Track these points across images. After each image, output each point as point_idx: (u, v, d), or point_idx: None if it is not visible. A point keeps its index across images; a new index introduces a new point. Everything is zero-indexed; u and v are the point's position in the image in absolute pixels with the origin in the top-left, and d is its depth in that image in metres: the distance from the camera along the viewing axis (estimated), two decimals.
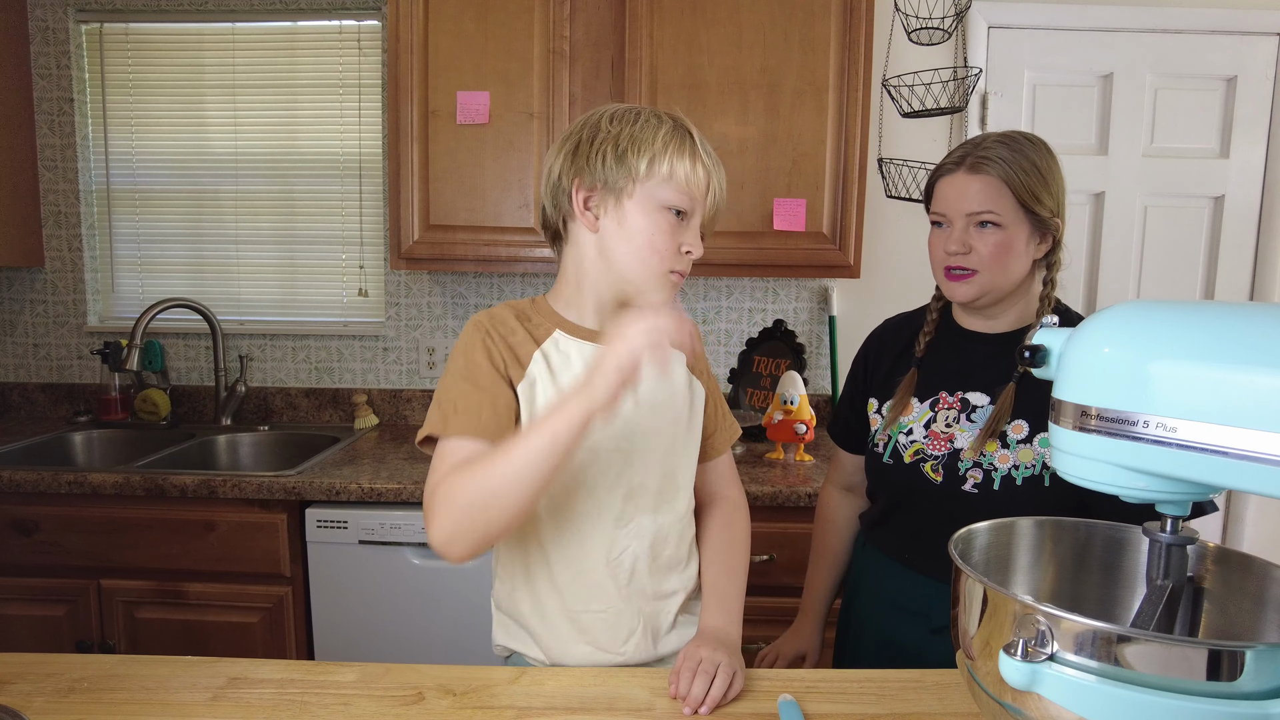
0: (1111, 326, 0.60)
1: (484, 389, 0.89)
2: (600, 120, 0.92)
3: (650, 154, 0.88)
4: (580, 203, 0.91)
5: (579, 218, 0.92)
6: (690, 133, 0.92)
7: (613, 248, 0.91)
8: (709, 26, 1.85)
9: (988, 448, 1.08)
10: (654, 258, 0.90)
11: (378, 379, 2.35)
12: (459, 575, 1.71)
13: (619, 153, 0.89)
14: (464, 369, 0.91)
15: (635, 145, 0.89)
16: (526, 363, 0.92)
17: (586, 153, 0.90)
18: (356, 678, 0.88)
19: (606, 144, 0.90)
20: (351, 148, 2.30)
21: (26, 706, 0.80)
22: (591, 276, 0.94)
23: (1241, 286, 2.26)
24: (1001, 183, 1.05)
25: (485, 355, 0.91)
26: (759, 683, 0.90)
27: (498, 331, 0.93)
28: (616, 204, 0.90)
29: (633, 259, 0.90)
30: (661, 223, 0.89)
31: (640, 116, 0.91)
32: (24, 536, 1.72)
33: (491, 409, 0.88)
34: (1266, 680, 0.54)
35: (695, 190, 0.90)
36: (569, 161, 0.92)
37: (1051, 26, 2.17)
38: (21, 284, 2.33)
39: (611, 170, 0.89)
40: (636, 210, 0.89)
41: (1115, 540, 0.78)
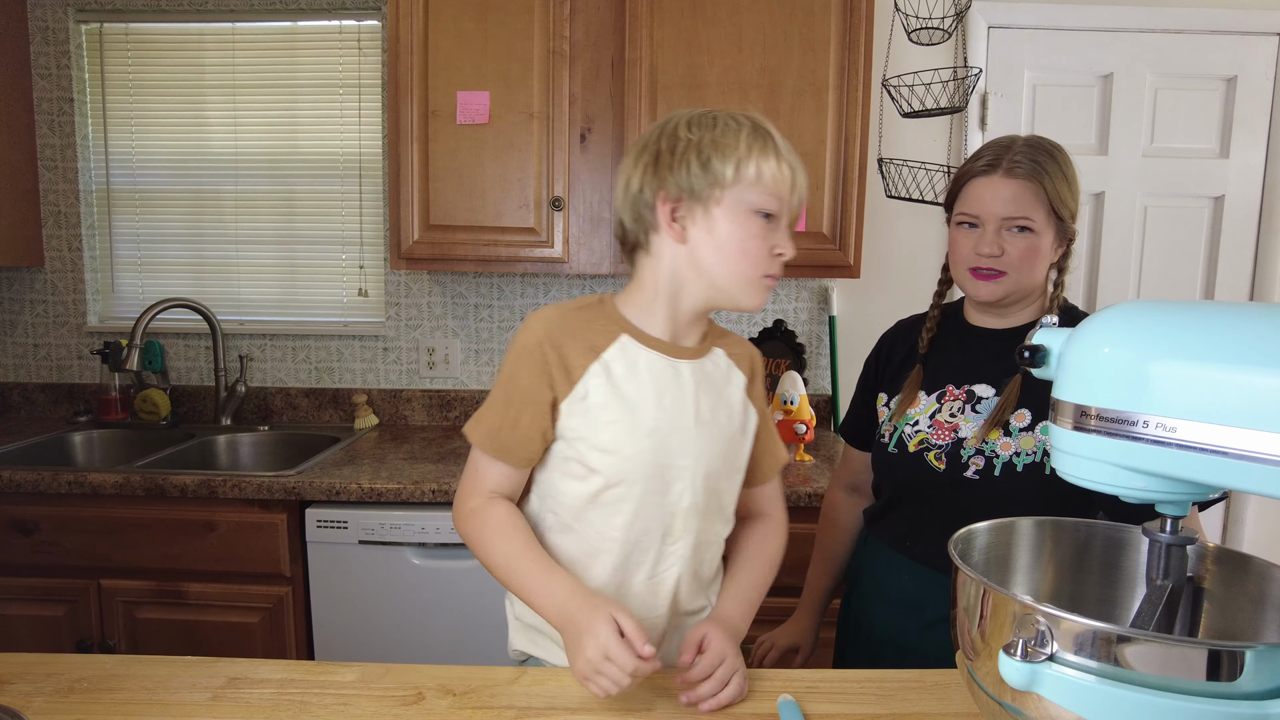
0: (1111, 326, 0.60)
1: (512, 405, 0.90)
2: (677, 128, 0.90)
3: (736, 158, 0.86)
4: (666, 215, 0.89)
5: (665, 230, 0.90)
6: (770, 132, 0.89)
7: (703, 257, 0.89)
8: (709, 26, 1.85)
9: (990, 436, 1.10)
10: (746, 263, 0.88)
11: (378, 379, 2.35)
12: (459, 575, 1.71)
13: (703, 160, 0.87)
14: (506, 378, 0.92)
15: (719, 151, 0.86)
16: (578, 376, 0.90)
17: (669, 163, 0.88)
18: (356, 678, 0.88)
19: (689, 152, 0.87)
20: (351, 148, 2.30)
21: (26, 706, 0.80)
22: (678, 287, 0.92)
23: (1241, 286, 2.26)
24: (1039, 188, 1.08)
25: (528, 369, 0.90)
26: (759, 683, 0.90)
27: (554, 341, 0.90)
28: (705, 213, 0.88)
29: (725, 267, 0.89)
30: (752, 227, 0.88)
31: (718, 120, 0.89)
32: (24, 536, 1.72)
33: (512, 429, 0.90)
34: (1266, 680, 0.54)
35: (782, 190, 0.89)
36: (650, 173, 0.89)
37: (1051, 26, 2.17)
38: (21, 284, 2.33)
39: (698, 179, 0.87)
40: (726, 217, 0.87)
41: (1115, 540, 0.78)
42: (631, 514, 0.91)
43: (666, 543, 0.94)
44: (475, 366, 2.33)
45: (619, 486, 0.90)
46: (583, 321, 0.93)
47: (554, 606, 0.86)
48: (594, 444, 0.90)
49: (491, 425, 0.92)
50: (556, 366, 0.90)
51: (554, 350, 0.90)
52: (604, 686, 0.79)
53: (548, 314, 0.93)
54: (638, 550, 0.93)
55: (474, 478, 0.95)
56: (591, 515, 0.92)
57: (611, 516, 0.92)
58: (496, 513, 0.92)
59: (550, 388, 0.90)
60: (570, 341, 0.91)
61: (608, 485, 0.90)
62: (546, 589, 0.87)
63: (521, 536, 0.91)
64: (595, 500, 0.92)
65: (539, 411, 0.90)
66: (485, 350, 2.33)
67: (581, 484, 0.92)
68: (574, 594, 0.85)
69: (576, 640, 0.81)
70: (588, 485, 0.91)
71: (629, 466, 0.90)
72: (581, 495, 0.92)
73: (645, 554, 0.93)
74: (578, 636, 0.81)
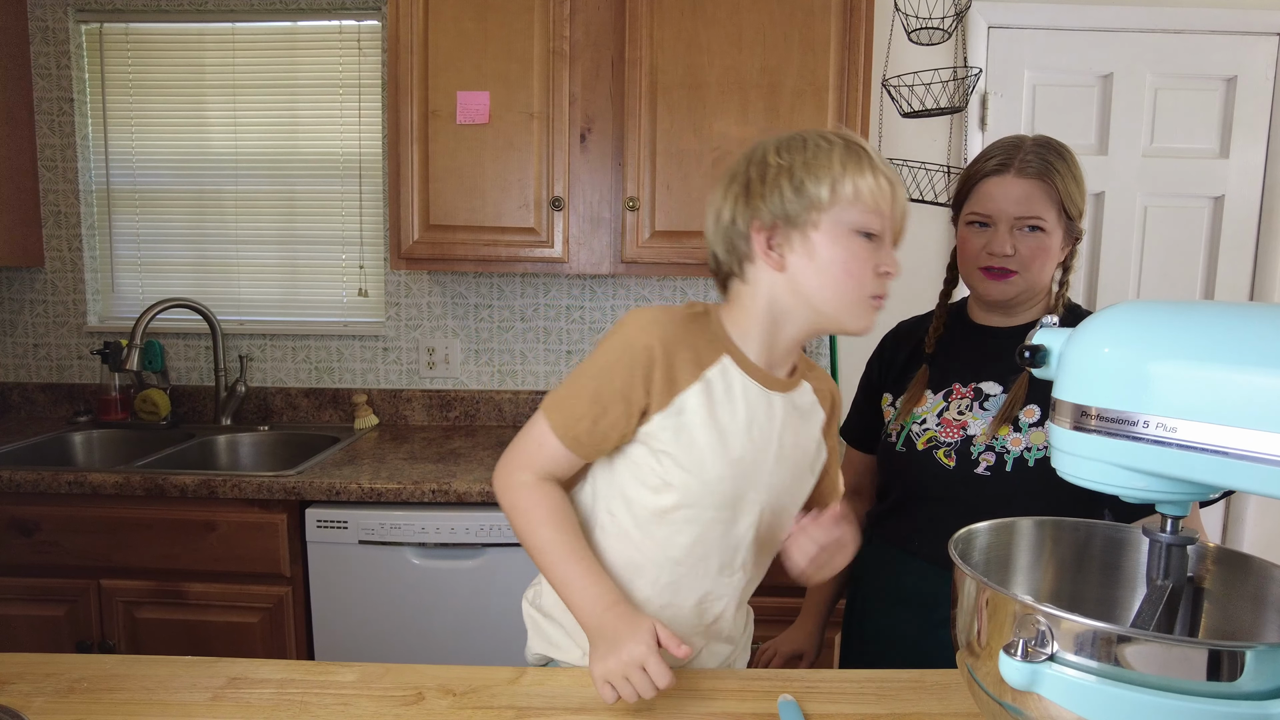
0: (1111, 326, 0.60)
1: (599, 401, 0.87)
2: (765, 154, 0.87)
3: (830, 178, 0.83)
4: (762, 244, 0.86)
5: (763, 259, 0.87)
6: (863, 147, 0.86)
7: (805, 283, 0.85)
8: (709, 26, 1.85)
9: (1000, 432, 1.10)
10: (851, 285, 0.84)
11: (378, 379, 2.35)
12: (459, 575, 1.71)
13: (796, 184, 0.83)
14: (599, 371, 0.88)
15: (812, 172, 0.83)
16: (680, 389, 0.87)
17: (760, 191, 0.85)
18: (356, 678, 0.88)
19: (780, 177, 0.84)
20: (351, 148, 2.30)
21: (26, 706, 0.80)
22: (778, 316, 0.89)
23: (1241, 286, 2.26)
24: (1050, 187, 1.09)
25: (627, 370, 0.86)
26: (759, 683, 0.90)
27: (665, 349, 0.86)
28: (803, 238, 0.84)
29: (829, 291, 0.85)
30: (854, 247, 0.84)
31: (808, 142, 0.86)
32: (24, 536, 1.72)
33: (592, 424, 0.88)
34: (1266, 680, 0.54)
35: (882, 205, 0.85)
36: (741, 203, 0.87)
37: (1051, 26, 2.17)
38: (21, 284, 2.33)
39: (792, 203, 0.84)
40: (826, 240, 0.84)
41: (1115, 540, 0.78)
42: (695, 537, 0.90)
43: (724, 574, 0.93)
44: (475, 366, 2.33)
45: (691, 509, 0.89)
46: (691, 333, 0.89)
47: (592, 609, 0.85)
48: (679, 461, 0.87)
49: (571, 414, 0.88)
50: (661, 376, 0.86)
51: (663, 358, 0.86)
52: (627, 693, 0.79)
53: (659, 318, 0.88)
54: (692, 575, 0.92)
55: (534, 451, 0.91)
56: (656, 529, 0.90)
57: (675, 535, 0.90)
58: (550, 496, 0.90)
59: (646, 394, 0.87)
60: (680, 352, 0.87)
61: (680, 505, 0.89)
62: (590, 591, 0.85)
63: (571, 528, 0.90)
64: (664, 516, 0.90)
65: (626, 413, 0.87)
66: (485, 350, 2.33)
67: (655, 496, 0.89)
68: (617, 603, 0.84)
69: (612, 644, 0.80)
70: (660, 499, 0.89)
71: (705, 491, 0.88)
72: (651, 507, 0.90)
73: (699, 580, 0.92)
74: (614, 642, 0.80)
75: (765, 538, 0.95)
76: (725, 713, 0.83)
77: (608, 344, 0.89)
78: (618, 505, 0.92)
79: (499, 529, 1.69)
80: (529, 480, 0.91)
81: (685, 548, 0.90)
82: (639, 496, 0.91)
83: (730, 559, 0.93)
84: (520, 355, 2.33)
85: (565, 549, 0.88)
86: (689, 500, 0.88)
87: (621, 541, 0.92)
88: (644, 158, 1.88)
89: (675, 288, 2.31)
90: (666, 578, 0.91)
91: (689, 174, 1.88)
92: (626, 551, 0.92)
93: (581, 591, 0.86)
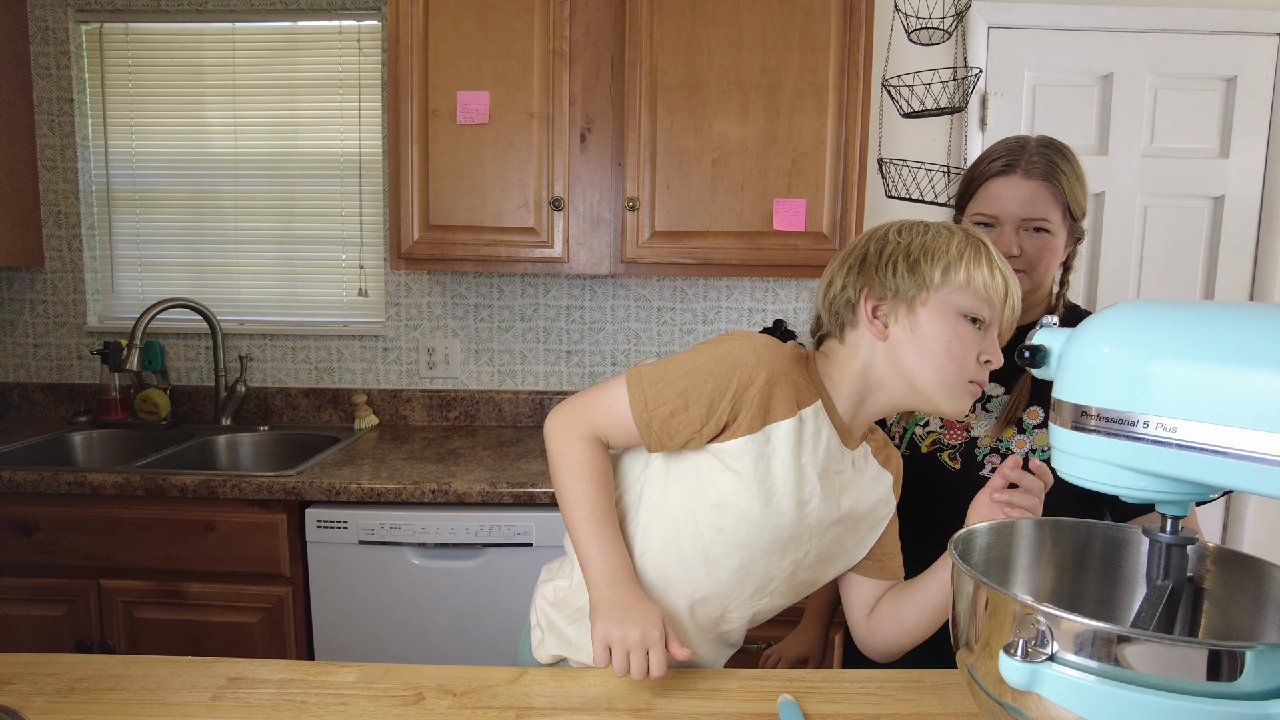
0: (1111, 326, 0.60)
1: (682, 398, 0.87)
2: (887, 234, 0.90)
3: (945, 261, 0.85)
4: (868, 311, 0.88)
5: (866, 326, 0.88)
6: (983, 241, 0.88)
7: (903, 355, 0.87)
8: (709, 26, 1.85)
9: (1004, 434, 1.10)
10: (950, 365, 0.85)
11: (378, 379, 2.35)
12: (459, 575, 1.71)
13: (911, 261, 0.86)
14: (697, 370, 0.88)
15: (928, 253, 0.86)
16: (773, 420, 0.87)
17: (875, 264, 0.88)
18: (356, 678, 0.88)
19: (898, 254, 0.87)
20: (351, 148, 2.30)
21: (26, 706, 0.80)
22: (871, 385, 0.90)
23: (1241, 286, 2.26)
24: (1056, 188, 1.09)
25: (724, 382, 0.86)
26: (759, 683, 0.90)
27: (771, 378, 0.87)
28: (909, 311, 0.86)
29: (927, 367, 0.86)
30: (959, 330, 0.85)
31: (929, 227, 0.89)
32: (24, 536, 1.72)
33: (668, 415, 0.87)
34: (1266, 680, 0.54)
35: (994, 296, 0.86)
36: (855, 274, 0.89)
37: (1051, 26, 2.17)
38: (21, 284, 2.33)
39: (904, 279, 0.86)
40: (931, 317, 0.85)
41: (1115, 540, 0.78)
42: (741, 561, 0.91)
43: (753, 598, 0.94)
44: (475, 366, 2.33)
45: (743, 534, 0.89)
46: (795, 371, 0.90)
47: (610, 576, 0.87)
48: (749, 486, 0.87)
49: (655, 397, 0.88)
50: (757, 400, 0.86)
51: (764, 384, 0.86)
52: (620, 664, 0.81)
53: (770, 345, 0.89)
54: (723, 595, 0.93)
55: (600, 411, 0.91)
56: (705, 543, 0.90)
57: (725, 556, 0.91)
58: (599, 457, 0.91)
59: (732, 411, 0.87)
60: (782, 383, 0.88)
61: (737, 528, 0.89)
62: (613, 559, 0.88)
63: (608, 494, 0.91)
64: (718, 533, 0.90)
65: (703, 420, 0.87)
66: (485, 350, 2.33)
67: (713, 512, 0.89)
68: (632, 579, 0.87)
69: (624, 615, 0.83)
70: (718, 517, 0.89)
71: (764, 522, 0.88)
72: (705, 522, 0.90)
73: (727, 599, 0.93)
74: (627, 614, 0.83)
75: (804, 579, 0.95)
76: (725, 713, 0.83)
77: (714, 349, 0.89)
78: (675, 510, 0.92)
79: (499, 529, 1.69)
80: (586, 434, 0.91)
81: (728, 568, 0.91)
82: (696, 508, 0.90)
83: (763, 586, 0.94)
84: (520, 355, 2.33)
85: (600, 511, 0.89)
86: (744, 525, 0.88)
87: (663, 546, 0.92)
88: (644, 158, 1.88)
89: (675, 288, 2.31)
90: (699, 591, 0.92)
91: (689, 174, 1.88)
92: (665, 557, 0.92)
93: (604, 556, 0.88)
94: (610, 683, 0.89)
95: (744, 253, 1.91)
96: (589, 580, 0.88)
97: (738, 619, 0.96)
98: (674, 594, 0.93)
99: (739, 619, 0.96)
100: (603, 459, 0.92)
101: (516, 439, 2.15)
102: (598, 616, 0.84)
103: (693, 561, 0.91)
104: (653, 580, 0.93)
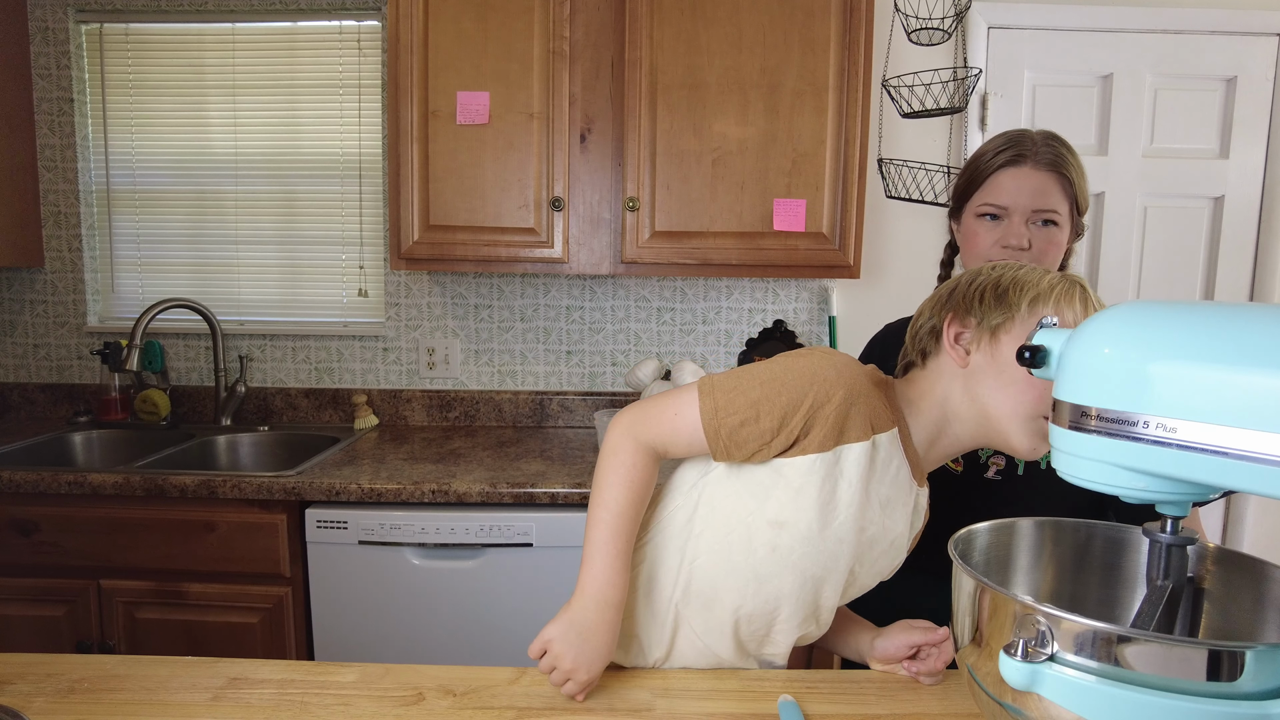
0: (1111, 326, 0.60)
1: (755, 409, 0.85)
2: (983, 269, 0.89)
3: (1035, 293, 0.83)
4: (950, 336, 0.87)
5: (948, 352, 0.87)
6: (1081, 283, 0.86)
7: (982, 383, 0.84)
8: (709, 26, 1.85)
9: None
10: (1028, 395, 0.81)
11: (378, 379, 2.35)
12: (459, 575, 1.71)
13: (999, 291, 0.85)
14: (773, 381, 0.86)
15: (1018, 285, 0.85)
16: (846, 441, 0.85)
17: (964, 293, 0.87)
18: (356, 678, 0.88)
19: (987, 284, 0.86)
20: (351, 148, 2.30)
21: (26, 706, 0.80)
22: (947, 417, 0.89)
23: (1241, 286, 2.26)
24: (1064, 179, 1.09)
25: (799, 398, 0.84)
26: (759, 683, 0.90)
27: (847, 397, 0.84)
28: (992, 339, 0.84)
29: (1004, 398, 0.83)
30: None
31: (1025, 266, 0.88)
32: (24, 536, 1.72)
33: (738, 425, 0.85)
34: (1266, 680, 0.54)
35: None
36: (943, 303, 0.89)
37: (1051, 26, 2.17)
38: (21, 284, 2.33)
39: (990, 307, 0.84)
40: (1014, 347, 0.82)
41: (1115, 540, 0.78)
42: (795, 585, 0.88)
43: (805, 623, 0.92)
44: (475, 367, 2.33)
45: (800, 559, 0.87)
46: (874, 395, 0.87)
47: (601, 591, 0.86)
48: (812, 506, 0.85)
49: (726, 405, 0.86)
50: (832, 419, 0.84)
51: (841, 404, 0.84)
52: (556, 680, 0.84)
53: (852, 365, 0.87)
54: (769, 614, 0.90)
55: (668, 418, 0.89)
56: (762, 565, 0.88)
57: (776, 576, 0.88)
58: (648, 471, 0.89)
59: (804, 427, 0.84)
60: (860, 405, 0.85)
61: (793, 548, 0.86)
62: (613, 575, 0.86)
63: (639, 511, 0.89)
64: (773, 552, 0.87)
65: (774, 432, 0.85)
66: (485, 350, 2.33)
67: (774, 531, 0.87)
68: (619, 608, 0.86)
69: (585, 634, 0.84)
70: (778, 535, 0.87)
71: (824, 550, 0.86)
72: (766, 541, 0.87)
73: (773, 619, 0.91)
74: (588, 635, 0.84)
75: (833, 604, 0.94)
76: (725, 713, 0.83)
77: (793, 363, 0.87)
78: (732, 523, 0.89)
79: (499, 529, 1.69)
80: (645, 442, 0.89)
81: (777, 588, 0.88)
82: (752, 522, 0.88)
83: (812, 613, 0.92)
84: (520, 355, 2.33)
85: (623, 522, 0.87)
86: (800, 546, 0.86)
87: (718, 562, 0.90)
88: (644, 158, 1.88)
89: (675, 288, 2.31)
90: (749, 608, 0.90)
91: (689, 174, 1.88)
92: (715, 568, 0.90)
93: (603, 569, 0.86)
94: (610, 682, 0.89)
95: (744, 253, 1.91)
96: (579, 584, 0.87)
97: (783, 641, 0.93)
98: (721, 607, 0.90)
99: (784, 641, 0.93)
100: (649, 471, 0.89)
101: (516, 439, 2.15)
102: (562, 620, 0.84)
103: (743, 575, 0.89)
104: (700, 589, 0.90)
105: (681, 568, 0.91)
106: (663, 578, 0.92)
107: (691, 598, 0.91)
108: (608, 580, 0.86)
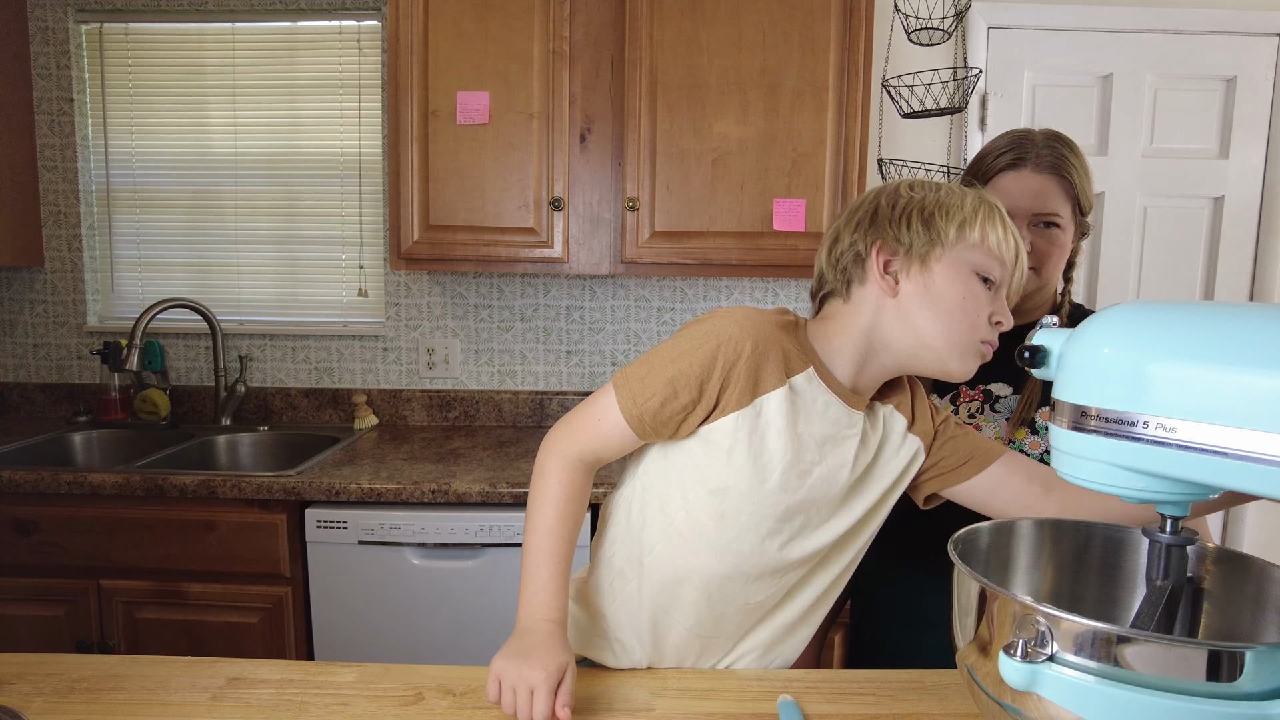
0: (1111, 327, 0.60)
1: (671, 386, 0.85)
2: (898, 189, 0.88)
3: (960, 218, 0.84)
4: (879, 266, 0.86)
5: (876, 282, 0.86)
6: (996, 205, 0.87)
7: (914, 312, 0.85)
8: (709, 26, 1.85)
9: (1017, 435, 1.08)
10: (964, 323, 0.83)
11: (377, 379, 2.35)
12: (459, 575, 1.71)
13: (925, 217, 0.84)
14: (681, 355, 0.85)
15: (943, 210, 0.84)
16: (762, 392, 0.85)
17: (889, 217, 0.86)
18: (356, 678, 0.88)
19: (911, 209, 0.85)
20: (351, 148, 2.30)
21: (26, 706, 0.80)
22: (876, 344, 0.88)
23: (1241, 286, 2.26)
24: (1066, 182, 1.08)
25: (710, 362, 0.84)
26: (759, 683, 0.90)
27: (757, 348, 0.84)
28: (922, 268, 0.84)
29: (940, 325, 0.84)
30: (973, 288, 0.84)
31: (942, 186, 0.88)
32: (24, 536, 1.72)
33: (659, 406, 0.85)
34: (1266, 680, 0.54)
35: (1006, 257, 0.85)
36: (865, 228, 0.87)
37: (1051, 26, 2.17)
38: (21, 284, 2.33)
39: (918, 235, 0.84)
40: (945, 274, 0.84)
41: (1115, 540, 0.78)
42: (750, 547, 0.87)
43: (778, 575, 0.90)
44: (475, 366, 2.33)
45: (749, 515, 0.86)
46: (782, 339, 0.87)
47: (536, 610, 0.84)
48: (746, 463, 0.85)
49: (642, 392, 0.86)
50: (745, 373, 0.84)
51: (751, 356, 0.84)
52: (508, 701, 0.78)
53: (752, 315, 0.87)
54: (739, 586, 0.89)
55: (591, 426, 0.89)
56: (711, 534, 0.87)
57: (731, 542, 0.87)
58: (576, 486, 0.89)
59: (722, 387, 0.84)
60: (770, 353, 0.85)
61: (739, 510, 0.86)
62: (547, 594, 0.85)
63: (571, 528, 0.88)
64: (722, 520, 0.86)
65: (696, 402, 0.85)
66: (485, 350, 2.33)
67: (713, 499, 0.86)
68: (557, 624, 0.84)
69: (524, 652, 0.80)
70: (721, 503, 0.86)
71: (770, 502, 0.86)
72: (709, 509, 0.87)
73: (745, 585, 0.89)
74: (528, 652, 0.80)
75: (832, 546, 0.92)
76: (725, 713, 0.83)
77: (694, 331, 0.87)
78: (673, 503, 0.89)
79: (499, 529, 1.68)
80: (573, 457, 0.89)
81: (737, 555, 0.88)
82: (696, 496, 0.88)
83: (781, 573, 0.90)
84: (520, 355, 2.33)
85: (556, 542, 0.87)
86: (747, 507, 0.86)
87: (671, 544, 0.90)
88: (644, 158, 1.88)
89: (675, 288, 2.31)
90: (715, 583, 0.89)
91: (689, 174, 1.88)
92: (675, 555, 0.90)
93: (541, 589, 0.86)
94: (610, 682, 0.89)
95: (744, 253, 1.91)
96: (520, 606, 0.86)
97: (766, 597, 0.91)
98: (689, 586, 0.90)
99: (769, 597, 0.92)
100: (578, 485, 0.89)
101: (516, 439, 2.15)
102: (504, 648, 0.81)
103: (700, 552, 0.88)
104: (665, 574, 0.90)
105: (642, 559, 0.91)
106: (627, 572, 0.93)
107: (659, 585, 0.91)
108: (544, 602, 0.85)
